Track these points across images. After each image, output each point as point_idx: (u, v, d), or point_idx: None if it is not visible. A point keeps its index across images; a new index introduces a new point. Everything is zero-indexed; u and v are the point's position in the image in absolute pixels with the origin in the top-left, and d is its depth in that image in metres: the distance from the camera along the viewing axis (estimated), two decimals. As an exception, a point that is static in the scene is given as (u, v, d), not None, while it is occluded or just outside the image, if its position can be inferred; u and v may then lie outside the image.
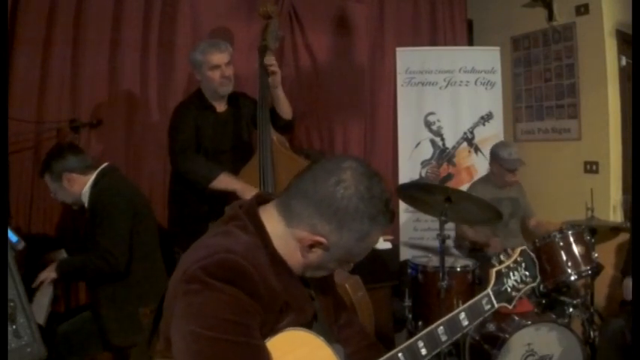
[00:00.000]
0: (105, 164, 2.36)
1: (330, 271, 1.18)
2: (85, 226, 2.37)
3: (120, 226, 2.20)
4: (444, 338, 1.22)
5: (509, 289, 1.35)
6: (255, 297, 0.99)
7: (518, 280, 1.37)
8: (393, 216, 1.10)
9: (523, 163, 3.30)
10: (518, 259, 1.39)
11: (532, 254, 1.43)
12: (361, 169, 1.07)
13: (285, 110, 2.78)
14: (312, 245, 1.07)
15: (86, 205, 2.29)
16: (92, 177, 2.29)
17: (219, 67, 2.64)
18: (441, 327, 1.23)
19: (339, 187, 1.04)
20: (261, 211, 1.12)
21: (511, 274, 1.36)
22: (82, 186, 2.28)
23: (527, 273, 1.39)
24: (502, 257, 1.39)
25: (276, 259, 1.08)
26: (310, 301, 1.17)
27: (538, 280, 1.41)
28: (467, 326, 1.26)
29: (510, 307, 1.35)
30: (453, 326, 1.25)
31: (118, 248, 2.17)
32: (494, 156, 3.36)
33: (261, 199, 1.17)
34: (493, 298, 1.33)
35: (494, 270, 1.36)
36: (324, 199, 1.04)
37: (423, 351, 1.19)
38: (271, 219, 1.11)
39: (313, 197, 1.05)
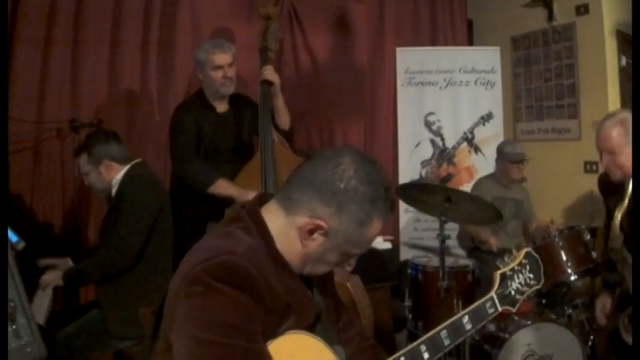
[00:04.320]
0: (138, 159, 2.40)
1: (330, 266, 1.14)
2: (106, 215, 2.37)
3: (142, 218, 2.21)
4: (446, 342, 1.21)
5: (513, 292, 1.32)
6: (258, 300, 0.97)
7: (523, 283, 1.34)
8: (393, 204, 1.09)
9: (528, 157, 3.33)
10: (523, 261, 1.36)
11: (537, 256, 1.40)
12: (360, 156, 1.07)
13: (284, 121, 2.78)
14: (312, 231, 1.05)
15: (113, 193, 2.30)
16: (126, 168, 2.31)
17: (221, 68, 2.64)
18: (444, 331, 1.21)
19: (338, 170, 1.03)
20: (262, 210, 1.11)
21: (515, 277, 1.34)
22: (115, 175, 2.30)
23: (531, 275, 1.36)
24: (507, 259, 1.37)
25: (278, 261, 1.07)
26: (312, 302, 1.15)
27: (542, 282, 1.38)
28: (470, 330, 1.25)
29: (514, 310, 1.33)
30: (457, 330, 1.23)
31: (133, 238, 2.17)
32: (500, 152, 3.40)
33: (263, 199, 1.16)
34: (497, 301, 1.31)
35: (498, 273, 1.33)
36: (323, 182, 1.04)
37: (426, 355, 1.17)
38: (272, 215, 1.09)
39: (312, 182, 1.05)
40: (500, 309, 1.30)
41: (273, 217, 1.09)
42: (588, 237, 2.74)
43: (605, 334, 2.42)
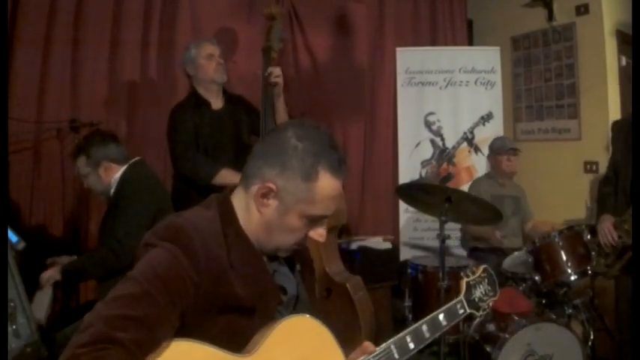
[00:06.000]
0: (137, 157, 2.38)
1: (296, 233, 1.13)
2: (105, 214, 2.35)
3: (139, 221, 2.17)
4: (427, 335, 1.31)
5: (476, 299, 1.49)
6: (191, 257, 1.01)
7: (483, 293, 1.51)
8: (342, 160, 1.11)
9: (517, 148, 3.39)
10: (482, 274, 1.53)
11: (492, 272, 1.57)
12: (304, 123, 1.14)
13: (282, 121, 2.79)
14: (265, 195, 1.09)
15: (112, 193, 2.28)
16: (124, 167, 2.29)
17: (213, 56, 2.71)
18: (425, 325, 1.32)
19: (280, 136, 1.11)
20: (232, 197, 1.17)
21: (478, 286, 1.51)
22: (114, 175, 2.28)
23: (489, 288, 1.53)
24: (469, 272, 1.53)
25: (240, 236, 1.11)
26: (272, 282, 1.16)
27: (498, 295, 1.56)
28: (445, 326, 1.37)
29: (478, 315, 1.49)
30: (435, 325, 1.34)
31: (130, 241, 2.14)
32: (490, 148, 3.50)
33: (234, 189, 1.21)
34: (465, 304, 1.45)
35: (464, 281, 1.49)
36: (268, 149, 1.12)
37: (411, 345, 1.25)
38: (236, 197, 1.16)
39: (259, 152, 1.13)
40: (468, 311, 1.45)
41: (238, 199, 1.15)
42: (588, 237, 2.75)
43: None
